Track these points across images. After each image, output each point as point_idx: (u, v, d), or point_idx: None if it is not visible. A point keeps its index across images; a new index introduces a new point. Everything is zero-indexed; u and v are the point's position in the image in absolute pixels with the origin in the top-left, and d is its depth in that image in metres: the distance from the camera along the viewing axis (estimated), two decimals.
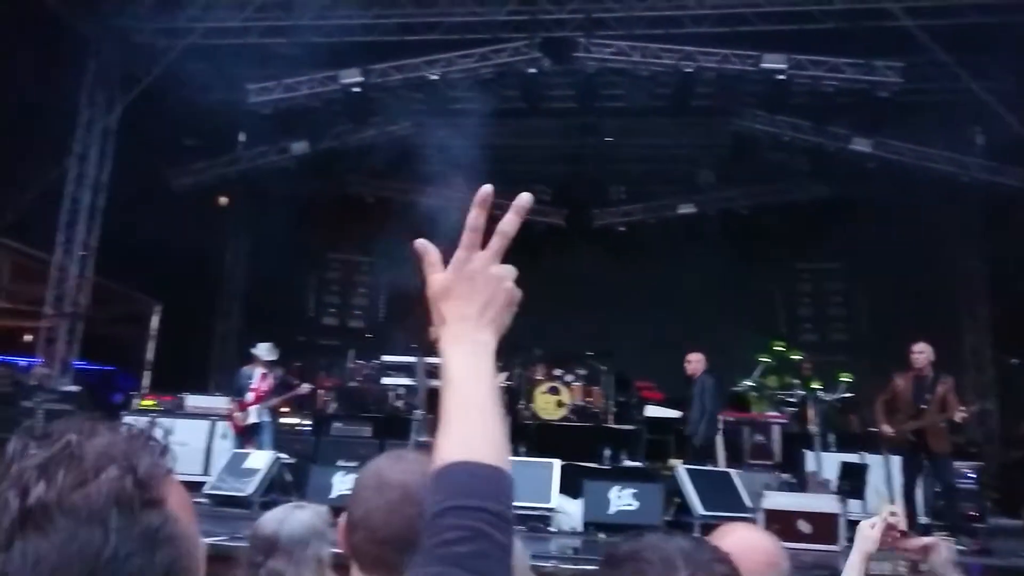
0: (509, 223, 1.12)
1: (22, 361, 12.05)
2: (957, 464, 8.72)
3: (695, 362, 9.68)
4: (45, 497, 0.74)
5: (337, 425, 11.06)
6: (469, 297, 1.09)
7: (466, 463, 0.97)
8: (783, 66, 11.52)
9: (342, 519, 1.50)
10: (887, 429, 8.10)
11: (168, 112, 12.59)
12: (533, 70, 12.21)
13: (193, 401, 11.05)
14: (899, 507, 8.09)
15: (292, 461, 9.44)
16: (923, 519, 8.17)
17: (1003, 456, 12.70)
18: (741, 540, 1.81)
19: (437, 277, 1.11)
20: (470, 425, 1.01)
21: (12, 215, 11.04)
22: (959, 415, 7.89)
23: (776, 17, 11.94)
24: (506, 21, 12.28)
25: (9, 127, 10.09)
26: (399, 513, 1.40)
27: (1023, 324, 13.18)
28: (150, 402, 11.30)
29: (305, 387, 10.31)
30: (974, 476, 9.05)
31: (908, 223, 12.91)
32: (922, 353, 8.05)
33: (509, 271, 1.12)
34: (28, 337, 12.81)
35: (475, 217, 1.11)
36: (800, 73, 11.73)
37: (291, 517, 2.35)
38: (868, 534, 2.31)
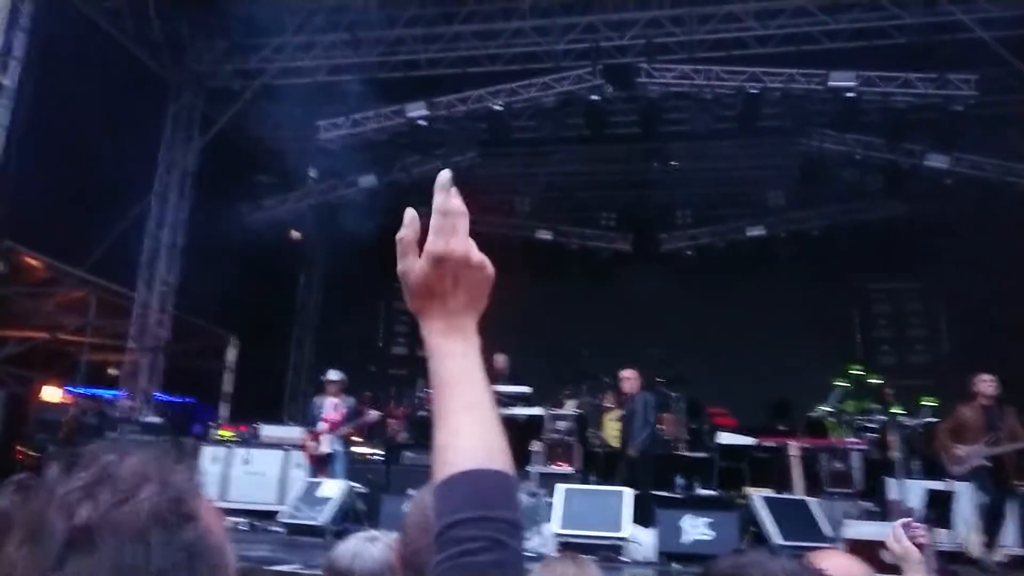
0: (443, 202, 1.05)
1: (108, 394, 12.51)
2: None
3: (632, 379, 9.53)
4: (90, 518, 0.77)
5: (408, 454, 11.11)
6: (454, 291, 1.04)
7: (475, 471, 0.95)
8: (852, 83, 11.29)
9: (395, 552, 1.51)
10: (963, 451, 7.85)
11: (243, 151, 13.05)
12: (596, 97, 12.24)
13: (268, 431, 11.26)
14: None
15: (365, 490, 9.52)
16: (1015, 549, 7.81)
17: None
18: (837, 566, 1.76)
19: (417, 267, 1.05)
20: (472, 429, 0.98)
21: (98, 253, 11.52)
22: None
23: (844, 34, 11.75)
24: (568, 50, 12.39)
25: (95, 169, 10.58)
26: None
27: None
28: (227, 432, 11.56)
29: (375, 414, 10.40)
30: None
31: (989, 240, 12.43)
32: (991, 382, 7.92)
33: (484, 258, 1.07)
34: (113, 371, 13.31)
35: (443, 201, 1.05)
36: (870, 90, 11.48)
37: (365, 551, 2.36)
38: (900, 552, 2.43)
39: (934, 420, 10.71)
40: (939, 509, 7.84)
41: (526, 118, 13.08)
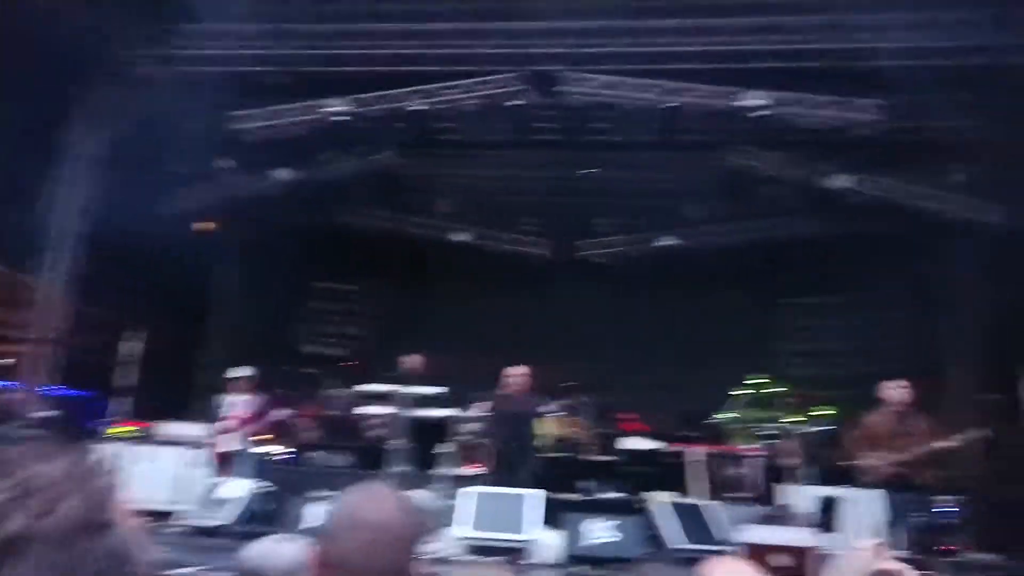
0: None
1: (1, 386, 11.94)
2: (936, 498, 8.71)
3: (524, 377, 9.37)
4: (21, 527, 0.83)
5: (318, 454, 10.97)
6: None
7: None
8: (763, 102, 11.66)
9: (313, 555, 1.49)
10: (872, 461, 8.10)
11: (155, 140, 12.64)
12: (519, 102, 12.32)
13: (171, 428, 10.94)
14: (880, 540, 8.08)
15: (272, 490, 9.33)
16: (903, 552, 8.14)
17: (984, 492, 12.67)
18: (730, 573, 1.81)
19: None
20: None
21: None
22: (943, 446, 7.91)
23: (760, 56, 12.11)
24: (493, 54, 12.41)
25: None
26: (378, 553, 1.42)
27: (1009, 364, 13.25)
28: (125, 429, 11.18)
29: (285, 413, 10.23)
30: (955, 511, 9.02)
31: (896, 260, 13.00)
32: (903, 388, 8.09)
33: None
34: (7, 362, 12.70)
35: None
36: (782, 110, 11.87)
37: (276, 552, 2.30)
38: (858, 565, 2.32)
39: (832, 429, 11.16)
40: (831, 515, 8.15)
41: (449, 120, 13.07)
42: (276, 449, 11.48)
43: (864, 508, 8.33)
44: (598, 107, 12.57)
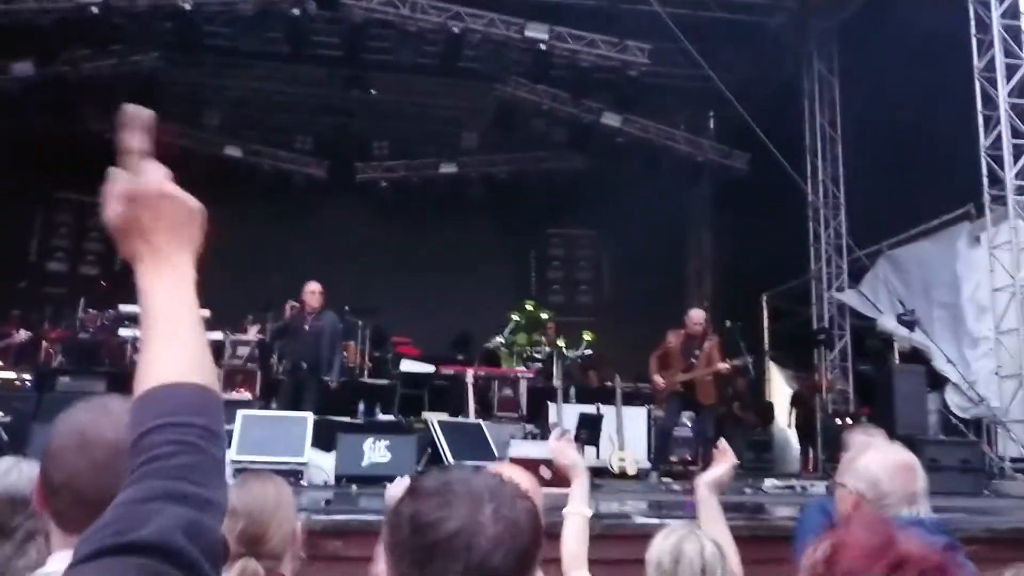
0: (126, 142, 1.03)
1: None
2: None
3: (319, 293, 9.24)
4: None
5: (64, 380, 10.09)
6: (155, 227, 1.01)
7: (169, 385, 0.93)
8: (544, 36, 11.96)
9: (36, 481, 1.35)
10: (659, 380, 8.91)
11: None
12: (296, 11, 11.71)
13: None
14: (628, 453, 8.93)
15: (7, 420, 8.50)
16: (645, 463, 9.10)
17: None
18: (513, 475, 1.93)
19: (113, 212, 1.01)
20: (173, 354, 0.96)
21: None
22: (723, 367, 8.88)
23: None
24: None
25: None
26: (110, 471, 1.26)
27: (738, 295, 14.89)
28: None
29: (23, 334, 9.29)
30: (691, 426, 10.09)
31: (650, 197, 13.99)
32: (699, 324, 8.97)
33: (182, 192, 1.04)
34: None
35: (127, 139, 1.02)
36: (560, 45, 12.24)
37: (15, 470, 2.11)
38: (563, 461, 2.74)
39: (590, 353, 12.00)
40: (590, 430, 8.85)
41: (220, 24, 12.14)
42: (13, 375, 10.41)
43: (622, 424, 9.15)
44: (379, 25, 12.24)
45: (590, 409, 9.43)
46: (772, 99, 13.26)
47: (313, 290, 9.21)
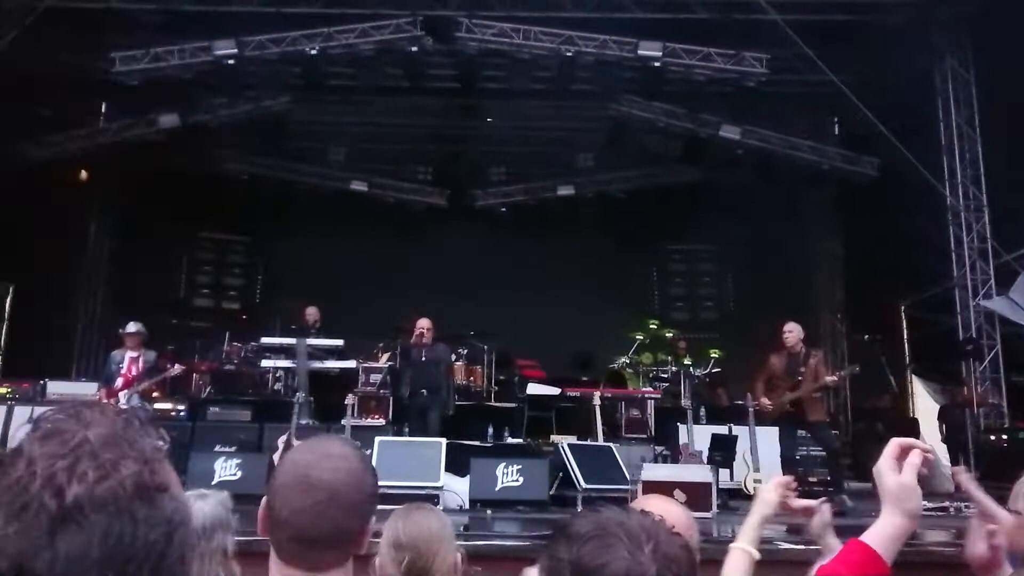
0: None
1: None
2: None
3: (428, 331, 9.48)
4: (79, 495, 0.79)
5: (214, 409, 10.70)
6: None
7: None
8: (658, 53, 11.87)
9: (262, 509, 1.44)
10: (766, 403, 8.65)
11: (21, 80, 11.74)
12: (414, 48, 12.08)
13: (55, 387, 10.42)
14: (773, 475, 8.65)
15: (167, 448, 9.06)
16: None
17: (853, 426, 13.72)
18: (661, 512, 1.87)
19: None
20: None
21: None
22: (831, 380, 8.58)
23: (653, 6, 12.30)
24: None
25: None
26: (327, 516, 1.38)
27: (873, 304, 14.24)
28: (2, 389, 10.59)
29: (177, 368, 9.88)
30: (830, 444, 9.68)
31: (772, 207, 13.62)
32: (792, 332, 8.67)
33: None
34: None
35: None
36: (674, 61, 12.12)
37: (194, 508, 2.28)
38: (768, 498, 2.22)
39: (718, 370, 11.75)
40: (723, 451, 8.65)
41: (342, 65, 12.69)
42: (169, 406, 11.12)
43: (750, 445, 8.89)
44: (493, 54, 12.48)
45: (722, 430, 9.22)
46: (899, 100, 12.67)
47: (422, 327, 9.50)
